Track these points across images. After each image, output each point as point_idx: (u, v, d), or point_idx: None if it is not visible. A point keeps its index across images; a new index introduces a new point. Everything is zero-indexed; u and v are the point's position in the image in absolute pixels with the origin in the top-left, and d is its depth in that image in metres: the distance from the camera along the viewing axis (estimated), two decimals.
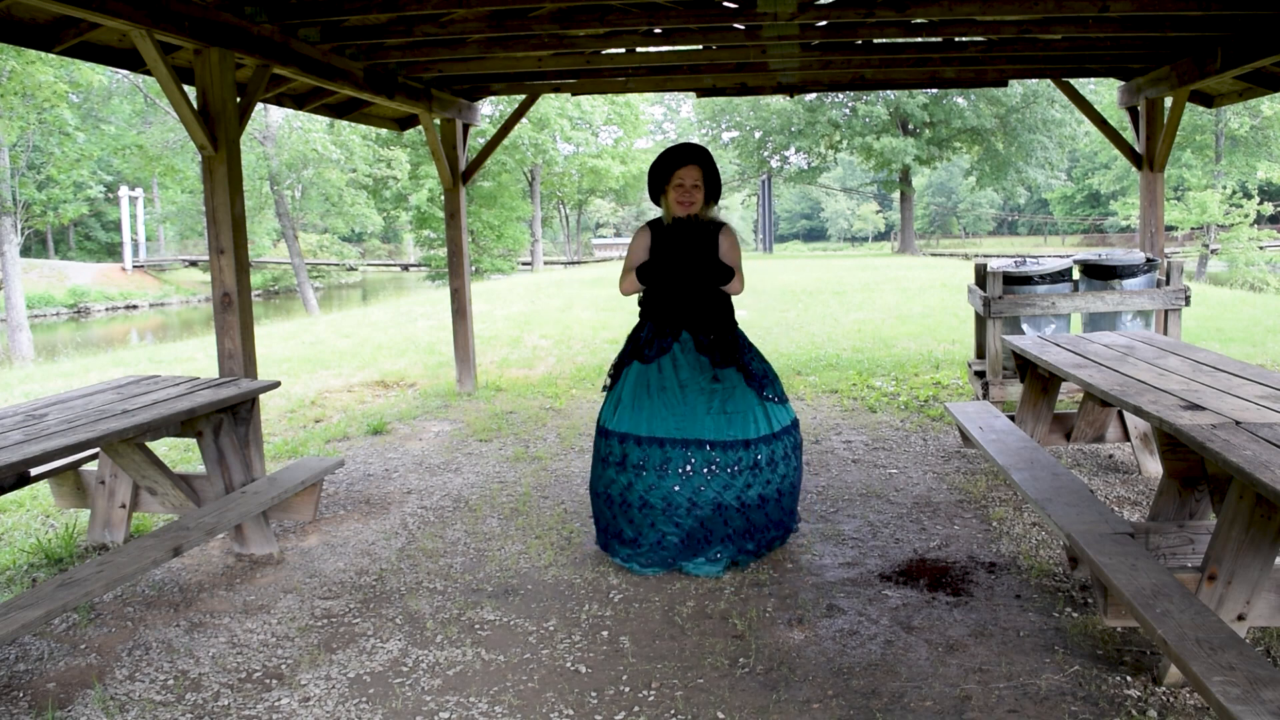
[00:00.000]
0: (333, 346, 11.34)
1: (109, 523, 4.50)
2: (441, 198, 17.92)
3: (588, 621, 3.60)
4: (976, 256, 24.28)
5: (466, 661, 3.31)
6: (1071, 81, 7.83)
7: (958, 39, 7.00)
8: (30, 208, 23.69)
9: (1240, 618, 2.80)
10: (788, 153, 43.32)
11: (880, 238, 64.28)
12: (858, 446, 6.10)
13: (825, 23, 6.00)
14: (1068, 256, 7.14)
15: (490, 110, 31.68)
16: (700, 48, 6.98)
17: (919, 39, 6.96)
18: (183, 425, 4.08)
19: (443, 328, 11.66)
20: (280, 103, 7.21)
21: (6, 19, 4.62)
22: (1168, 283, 6.58)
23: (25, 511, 5.13)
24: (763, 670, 3.18)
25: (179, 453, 6.31)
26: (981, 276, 6.69)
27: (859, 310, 13.97)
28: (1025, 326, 6.98)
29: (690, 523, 3.89)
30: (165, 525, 3.75)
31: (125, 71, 12.89)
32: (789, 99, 37.23)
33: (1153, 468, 5.21)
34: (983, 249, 46.68)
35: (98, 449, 4.14)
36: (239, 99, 5.00)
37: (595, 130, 38.39)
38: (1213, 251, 30.27)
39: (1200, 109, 13.57)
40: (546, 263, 43.01)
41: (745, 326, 4.19)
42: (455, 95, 7.99)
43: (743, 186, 49.78)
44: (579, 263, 44.38)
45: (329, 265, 40.88)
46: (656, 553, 3.94)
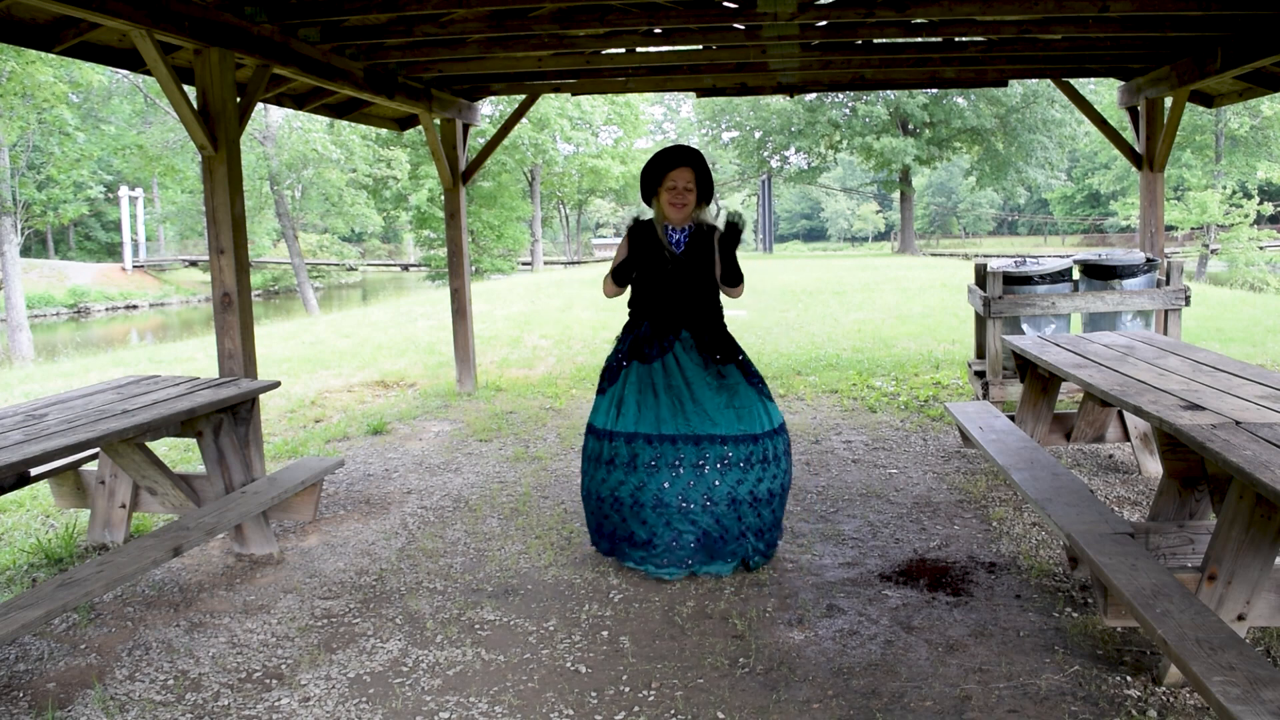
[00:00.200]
0: (333, 346, 11.34)
1: (109, 523, 4.50)
2: (441, 198, 17.92)
3: (588, 621, 3.60)
4: (976, 256, 24.28)
5: (466, 661, 3.31)
6: (1071, 81, 7.83)
7: (958, 39, 7.01)
8: (30, 208, 23.70)
9: (1240, 618, 2.80)
10: (788, 153, 43.33)
11: (880, 238, 64.27)
12: (858, 446, 6.11)
13: (825, 23, 6.00)
14: (1068, 256, 7.14)
15: (490, 110, 31.67)
16: (700, 48, 6.98)
17: (919, 39, 6.97)
18: (183, 425, 4.09)
19: (443, 328, 11.66)
20: (280, 103, 7.22)
21: (6, 19, 4.62)
22: (1168, 283, 6.58)
23: (25, 511, 5.13)
24: (763, 670, 3.18)
25: (179, 453, 6.31)
26: (981, 276, 6.70)
27: (859, 310, 13.97)
28: (1025, 326, 6.98)
29: (707, 520, 3.87)
30: (165, 525, 3.76)
31: (125, 71, 12.89)
32: (789, 99, 37.24)
33: (1153, 468, 5.21)
34: (983, 249, 46.67)
35: (98, 449, 4.14)
36: (239, 99, 5.00)
37: (595, 130, 38.38)
38: (1213, 251, 30.28)
39: (1200, 109, 13.57)
40: (546, 263, 43.01)
41: (745, 326, 4.20)
42: (455, 95, 7.99)
43: (743, 186, 49.79)
44: (579, 263, 44.38)
45: (329, 265, 40.89)
46: (673, 553, 3.88)
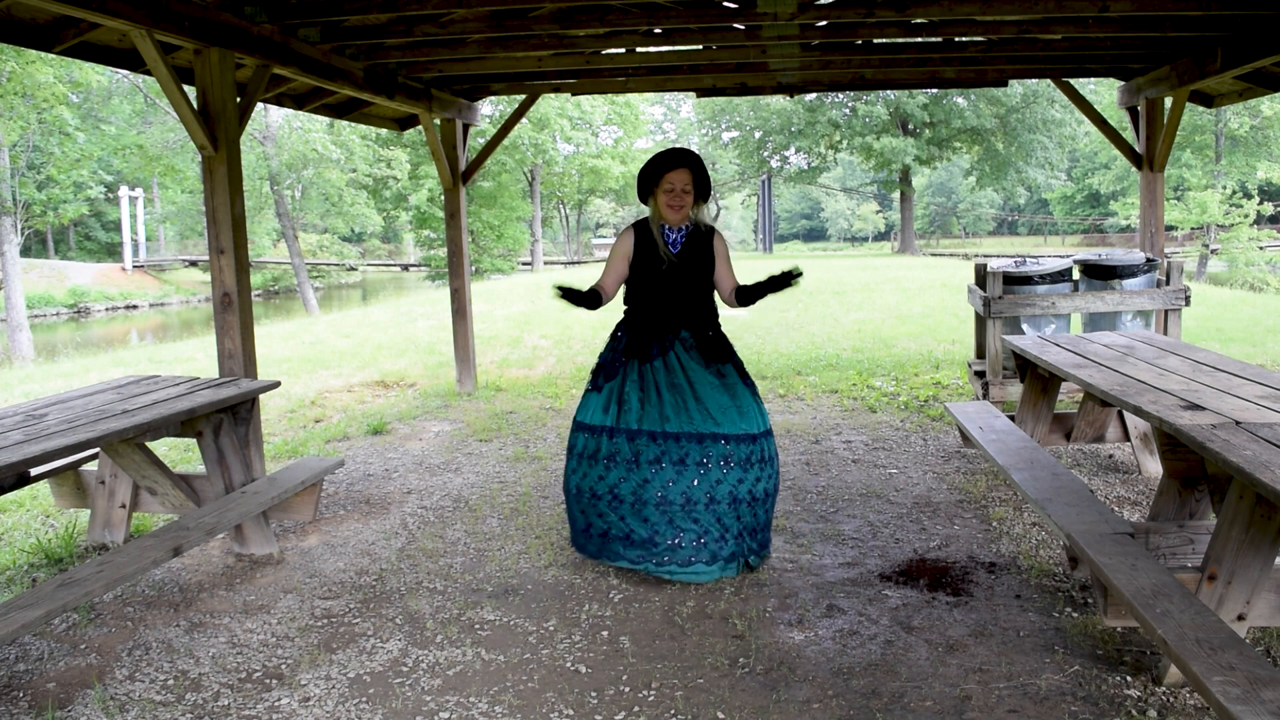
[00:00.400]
0: (333, 346, 11.34)
1: (109, 523, 4.50)
2: (441, 198, 17.90)
3: (588, 621, 3.60)
4: (976, 256, 24.27)
5: (466, 661, 3.31)
6: (1071, 81, 7.83)
7: (958, 39, 7.01)
8: (30, 208, 23.71)
9: (1240, 618, 2.80)
10: (788, 153, 43.32)
11: (880, 238, 64.25)
12: (858, 446, 6.11)
13: (825, 23, 6.00)
14: (1068, 256, 7.14)
15: (490, 110, 31.67)
16: (700, 48, 6.98)
17: (919, 39, 6.97)
18: (183, 425, 4.09)
19: (443, 328, 11.66)
20: (280, 103, 7.22)
21: (6, 19, 4.62)
22: (1168, 283, 6.58)
23: (25, 511, 5.13)
24: (763, 670, 3.18)
25: (179, 453, 6.31)
26: (981, 276, 6.70)
27: (859, 310, 13.97)
28: (1025, 326, 6.98)
29: (708, 518, 3.86)
30: (165, 525, 3.76)
31: (125, 71, 12.89)
32: (789, 99, 37.23)
33: (1153, 468, 5.21)
34: (983, 249, 46.66)
35: (98, 449, 4.14)
36: (239, 99, 5.00)
37: (595, 130, 38.38)
38: (1213, 251, 30.28)
39: (1200, 109, 13.56)
40: (546, 263, 43.01)
41: (745, 326, 4.21)
42: (455, 95, 7.99)
43: (743, 186, 49.77)
44: (579, 263, 44.38)
45: (329, 265, 40.89)
46: (675, 552, 3.85)
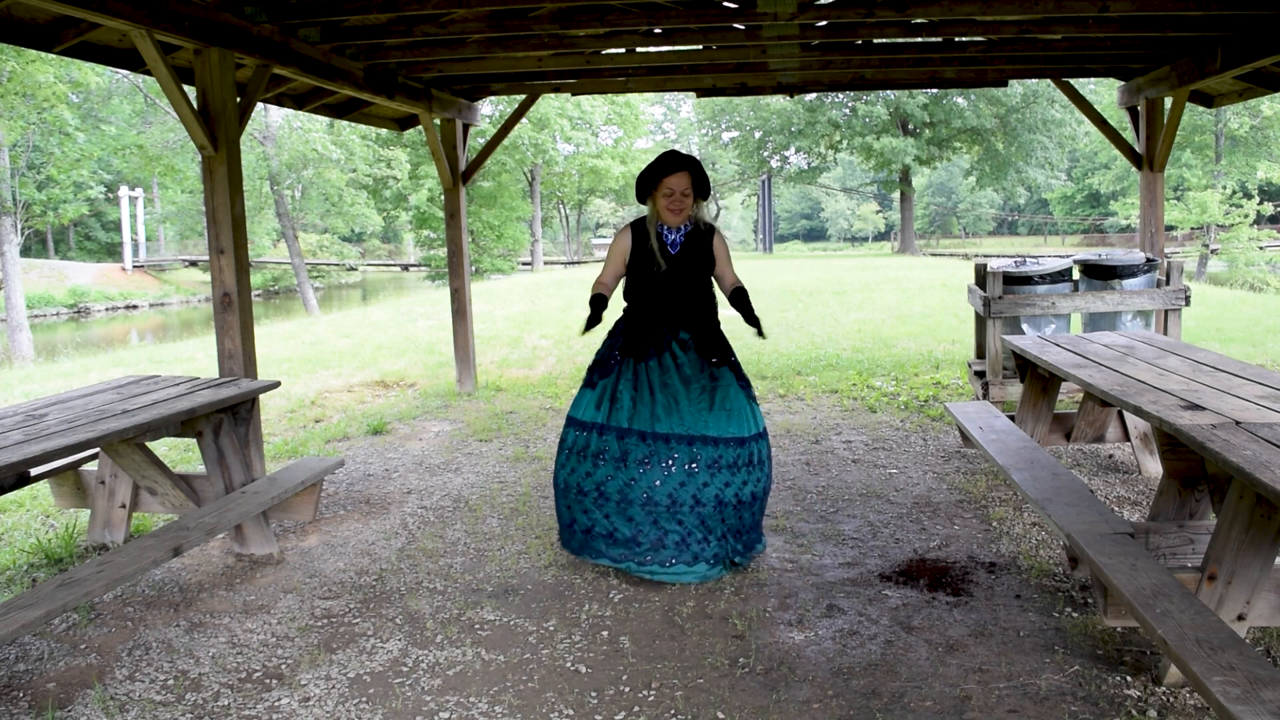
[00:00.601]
0: (333, 346, 11.34)
1: (109, 523, 4.50)
2: (441, 198, 17.91)
3: (588, 621, 3.60)
4: (976, 256, 24.27)
5: (466, 661, 3.31)
6: (1071, 81, 7.83)
7: (958, 39, 7.01)
8: (30, 208, 23.71)
9: (1240, 618, 2.80)
10: (788, 153, 43.32)
11: (880, 238, 64.25)
12: (858, 446, 6.11)
13: (825, 23, 6.00)
14: (1068, 256, 7.13)
15: (490, 110, 31.67)
16: (700, 48, 6.99)
17: (919, 39, 6.97)
18: (183, 425, 4.09)
19: (443, 328, 11.66)
20: (280, 103, 7.22)
21: (6, 19, 4.62)
22: (1168, 283, 6.58)
23: (25, 511, 5.13)
24: (763, 670, 3.18)
25: (179, 453, 6.31)
26: (981, 276, 6.70)
27: (859, 310, 13.97)
28: (1025, 326, 6.98)
29: (693, 520, 3.87)
30: (165, 525, 3.76)
31: (125, 71, 12.89)
32: (789, 99, 37.23)
33: (1153, 468, 5.21)
34: (983, 249, 46.65)
35: (98, 449, 4.14)
36: (239, 99, 5.00)
37: (595, 130, 38.39)
38: (1213, 251, 30.29)
39: (1200, 109, 13.57)
40: (546, 263, 43.00)
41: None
42: (455, 95, 7.99)
43: (743, 186, 49.77)
44: (579, 263, 44.37)
45: (329, 265, 40.89)
46: (656, 552, 3.87)
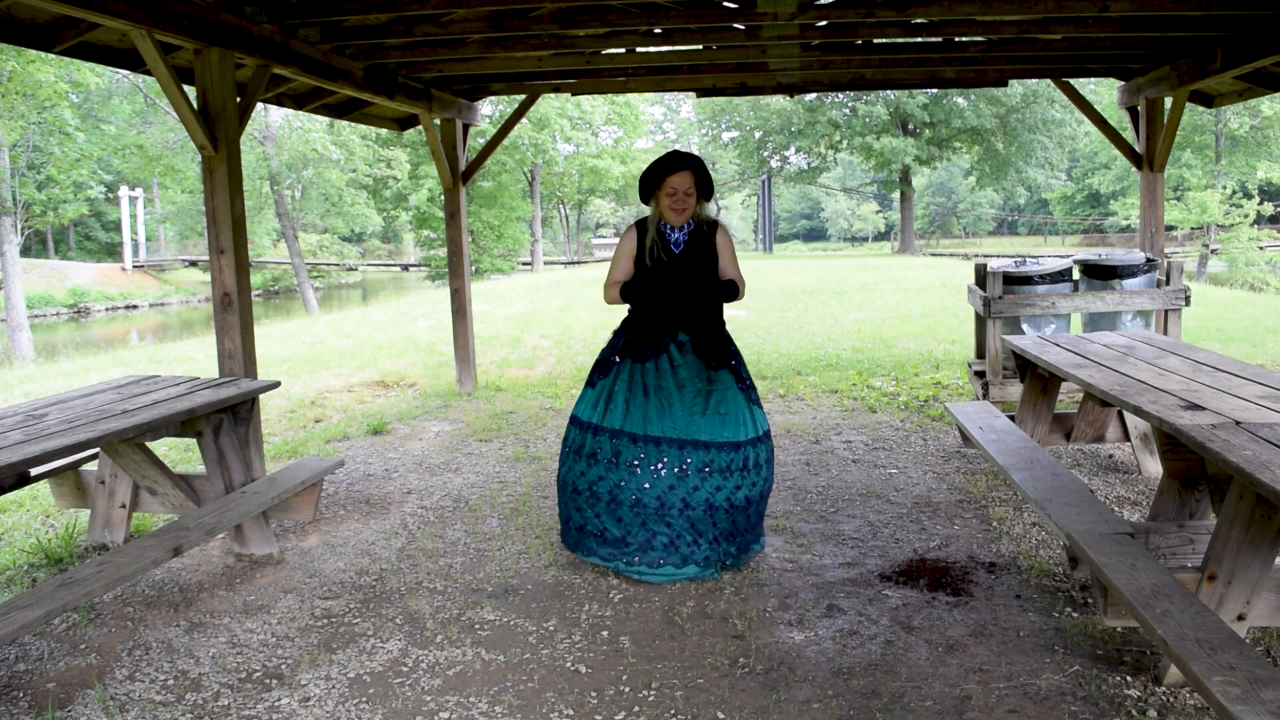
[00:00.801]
0: (333, 346, 11.34)
1: (109, 523, 4.50)
2: (441, 198, 17.92)
3: (588, 621, 3.60)
4: (976, 256, 24.29)
5: (466, 661, 3.31)
6: (1071, 81, 7.83)
7: (958, 39, 7.01)
8: (30, 208, 23.70)
9: (1240, 618, 2.80)
10: (788, 153, 43.33)
11: (880, 238, 64.26)
12: (858, 446, 6.11)
13: (825, 23, 6.00)
14: (1068, 256, 7.14)
15: (490, 110, 31.68)
16: (700, 48, 6.98)
17: (919, 39, 6.97)
18: (183, 425, 4.09)
19: (443, 328, 11.66)
20: (280, 103, 7.22)
21: (6, 19, 4.62)
22: (1168, 283, 6.58)
23: (25, 511, 5.13)
24: (763, 670, 3.18)
25: (179, 453, 6.31)
26: (981, 276, 6.70)
27: (859, 310, 13.97)
28: (1025, 326, 6.98)
29: (681, 523, 3.89)
30: (165, 525, 3.76)
31: (125, 71, 12.89)
32: (789, 99, 37.24)
33: (1153, 468, 5.21)
34: (983, 249, 46.66)
35: (98, 449, 4.14)
36: (239, 99, 5.00)
37: (595, 130, 38.39)
38: (1213, 251, 30.28)
39: (1200, 109, 13.56)
40: (546, 263, 43.01)
41: (745, 326, 4.20)
42: (455, 95, 7.99)
43: (743, 186, 49.78)
44: (579, 263, 44.38)
45: (329, 265, 40.88)
46: (645, 553, 3.90)
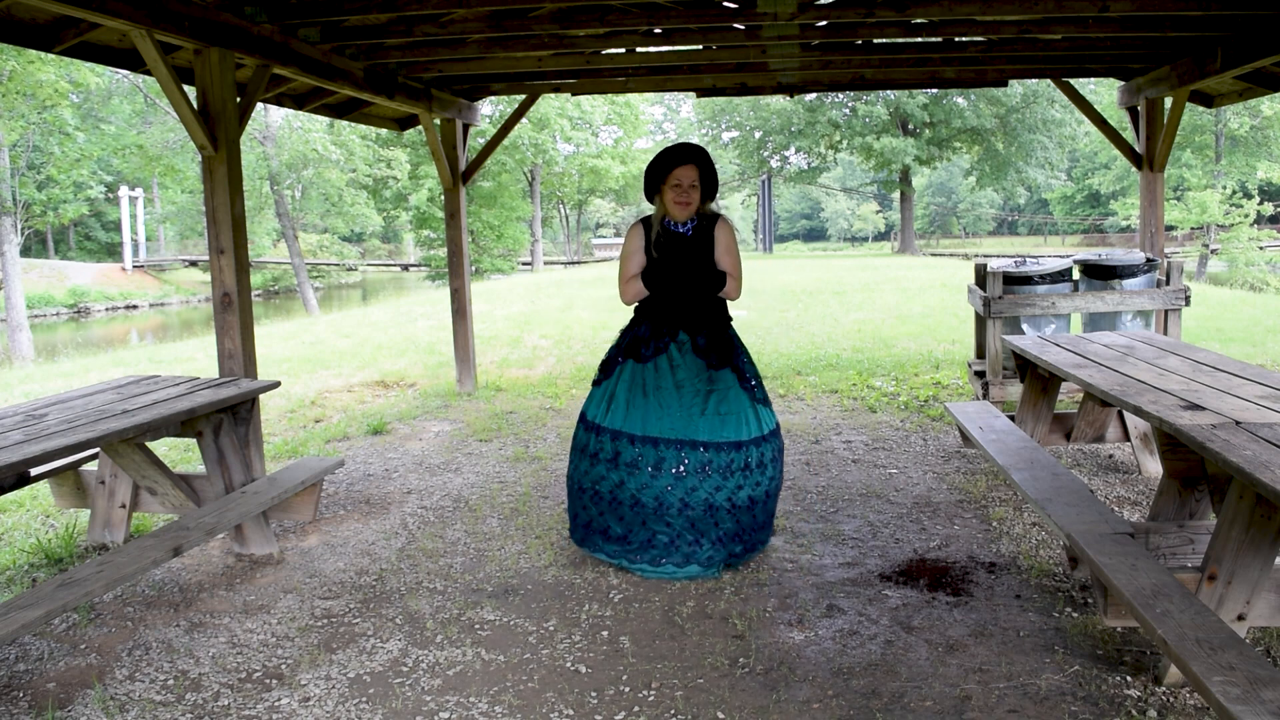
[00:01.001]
0: (333, 346, 11.34)
1: (109, 523, 4.50)
2: (441, 198, 17.92)
3: (588, 621, 3.60)
4: (976, 256, 24.28)
5: (466, 661, 3.31)
6: (1071, 81, 7.83)
7: (958, 39, 7.00)
8: (30, 208, 23.70)
9: (1240, 618, 2.80)
10: (788, 153, 43.31)
11: (880, 238, 64.26)
12: (858, 446, 6.11)
13: (825, 23, 6.00)
14: (1068, 256, 7.14)
15: (490, 110, 31.68)
16: (700, 48, 6.98)
17: (919, 39, 6.96)
18: (183, 425, 4.09)
19: (443, 328, 11.66)
20: (280, 103, 7.21)
21: (6, 19, 4.62)
22: (1168, 283, 6.58)
23: (25, 511, 5.13)
24: (763, 670, 3.18)
25: (179, 453, 6.31)
26: (981, 276, 6.70)
27: (859, 310, 13.97)
28: (1025, 326, 6.98)
29: (681, 523, 3.90)
30: (165, 525, 3.76)
31: (125, 71, 12.89)
32: (789, 99, 37.23)
33: (1153, 468, 5.21)
34: (983, 249, 46.67)
35: (98, 449, 4.14)
36: (239, 99, 5.00)
37: (595, 130, 38.40)
38: (1213, 251, 30.29)
39: (1200, 109, 13.57)
40: (546, 263, 43.02)
41: (745, 326, 4.20)
42: (455, 95, 7.99)
43: (743, 186, 49.75)
44: (579, 263, 44.38)
45: (329, 265, 40.88)
46: (646, 551, 3.94)
